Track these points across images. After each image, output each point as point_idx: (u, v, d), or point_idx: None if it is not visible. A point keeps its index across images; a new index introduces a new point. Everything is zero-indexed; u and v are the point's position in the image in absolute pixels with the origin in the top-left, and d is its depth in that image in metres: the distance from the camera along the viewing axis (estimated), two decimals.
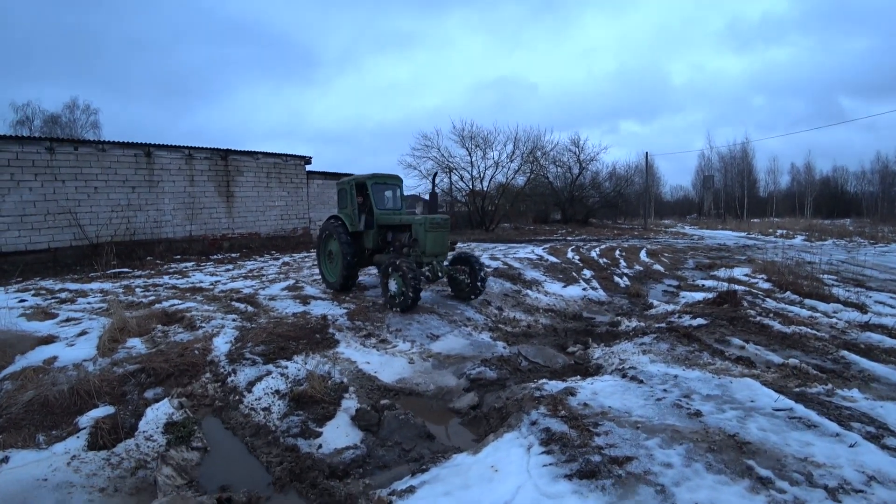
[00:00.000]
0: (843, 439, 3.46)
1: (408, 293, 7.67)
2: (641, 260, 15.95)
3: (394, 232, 9.46)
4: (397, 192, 10.31)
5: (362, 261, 9.85)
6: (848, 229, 32.22)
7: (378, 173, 9.96)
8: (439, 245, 8.48)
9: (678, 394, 4.29)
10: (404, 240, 9.05)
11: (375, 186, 9.82)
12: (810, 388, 4.77)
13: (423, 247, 8.36)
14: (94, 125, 37.71)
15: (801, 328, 6.85)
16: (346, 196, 9.92)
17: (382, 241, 9.63)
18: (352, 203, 9.67)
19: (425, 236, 8.27)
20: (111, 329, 6.56)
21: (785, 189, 62.81)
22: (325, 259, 10.37)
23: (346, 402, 4.84)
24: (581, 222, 38.22)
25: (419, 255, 8.39)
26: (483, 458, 3.34)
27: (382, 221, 9.50)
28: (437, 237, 8.40)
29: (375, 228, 9.52)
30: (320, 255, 10.48)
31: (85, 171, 15.40)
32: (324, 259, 10.42)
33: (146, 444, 4.19)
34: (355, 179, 9.83)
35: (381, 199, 9.86)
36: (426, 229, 8.24)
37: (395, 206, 10.10)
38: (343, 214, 9.86)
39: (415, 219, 8.66)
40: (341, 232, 9.42)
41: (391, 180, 10.27)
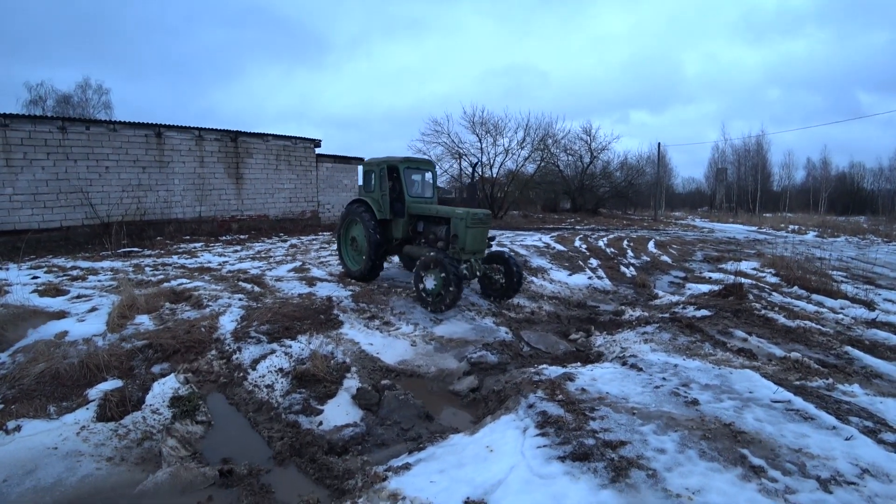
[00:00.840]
0: (840, 432, 3.48)
1: (446, 294, 7.03)
2: (649, 251, 15.87)
3: (426, 223, 8.77)
4: (429, 178, 9.64)
5: (388, 250, 9.28)
6: (862, 226, 31.78)
7: (411, 157, 9.39)
8: (479, 242, 7.86)
9: (677, 382, 4.31)
10: (439, 233, 8.33)
11: (408, 171, 9.10)
12: (811, 381, 4.77)
13: (462, 243, 7.64)
14: (105, 105, 37.92)
15: (805, 322, 6.83)
16: (375, 179, 9.14)
17: (413, 231, 9.00)
18: (381, 187, 8.94)
19: (466, 232, 7.59)
20: (120, 306, 6.68)
21: (799, 184, 61.79)
22: (348, 246, 9.74)
23: (348, 382, 4.92)
24: (591, 212, 38.01)
25: (457, 251, 7.66)
26: (479, 438, 3.41)
27: (415, 211, 8.82)
28: (478, 233, 7.79)
29: (406, 217, 8.87)
30: (341, 242, 9.82)
31: (96, 150, 15.51)
32: (345, 245, 9.79)
33: (152, 416, 4.30)
34: (387, 162, 9.07)
35: (413, 186, 9.16)
36: (468, 224, 7.57)
37: (426, 193, 9.40)
38: (370, 199, 9.12)
39: (455, 212, 7.87)
40: (368, 218, 8.82)
41: (424, 165, 9.62)
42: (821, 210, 50.78)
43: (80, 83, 37.35)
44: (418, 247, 8.77)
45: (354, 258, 9.55)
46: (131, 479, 3.51)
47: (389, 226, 9.09)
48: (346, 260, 9.71)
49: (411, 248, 8.94)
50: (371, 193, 9.21)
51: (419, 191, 9.31)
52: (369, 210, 8.96)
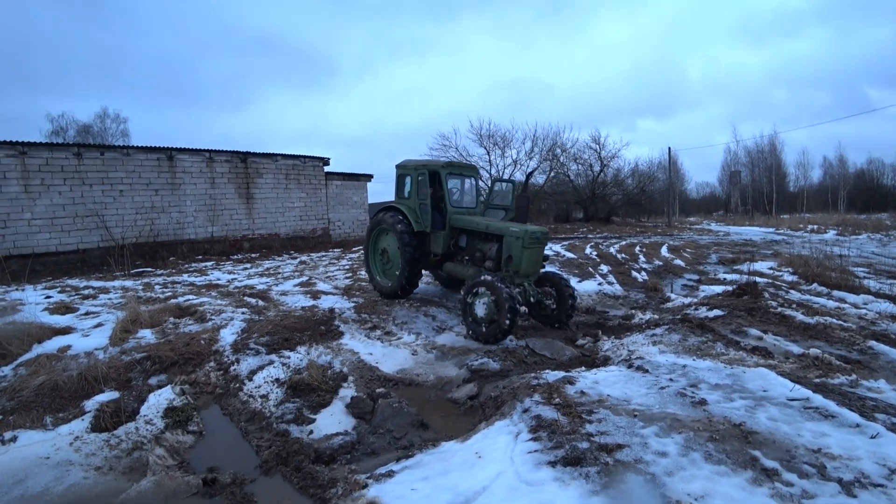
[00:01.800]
0: (864, 430, 3.22)
1: (502, 323, 6.07)
2: (662, 255, 15.52)
3: (470, 237, 7.78)
4: (472, 185, 8.64)
5: (425, 265, 8.31)
6: (885, 223, 30.78)
7: (453, 161, 8.36)
8: (535, 263, 6.94)
9: (684, 383, 4.08)
10: (488, 251, 7.31)
11: (451, 178, 8.13)
12: (832, 378, 4.50)
13: (517, 265, 6.70)
14: (123, 133, 39.03)
15: (825, 318, 6.51)
16: (412, 185, 8.09)
17: (454, 245, 7.99)
18: (419, 194, 7.91)
19: (522, 253, 6.64)
20: (124, 321, 6.71)
21: (817, 183, 60.33)
22: (377, 258, 8.72)
23: (344, 391, 4.80)
24: (603, 220, 37.56)
25: (510, 273, 6.77)
26: (470, 445, 3.24)
27: (458, 224, 7.79)
28: (535, 254, 6.85)
29: (447, 230, 7.87)
30: (369, 254, 8.77)
31: (111, 174, 15.85)
32: (375, 258, 8.75)
33: (145, 427, 4.25)
34: (426, 165, 8.09)
35: (454, 194, 8.21)
36: (524, 244, 6.62)
37: (469, 203, 8.44)
38: (405, 207, 8.06)
39: (510, 229, 6.86)
40: (403, 229, 7.78)
41: (467, 171, 8.62)
42: (840, 209, 49.50)
43: (98, 113, 38.64)
44: (462, 265, 7.79)
45: (385, 272, 8.56)
46: (117, 487, 3.48)
47: (427, 238, 8.05)
48: (375, 274, 8.69)
49: (454, 265, 7.91)
50: (406, 200, 8.20)
51: (462, 200, 8.36)
52: (404, 219, 7.93)
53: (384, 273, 8.59)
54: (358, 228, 23.37)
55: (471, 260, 7.61)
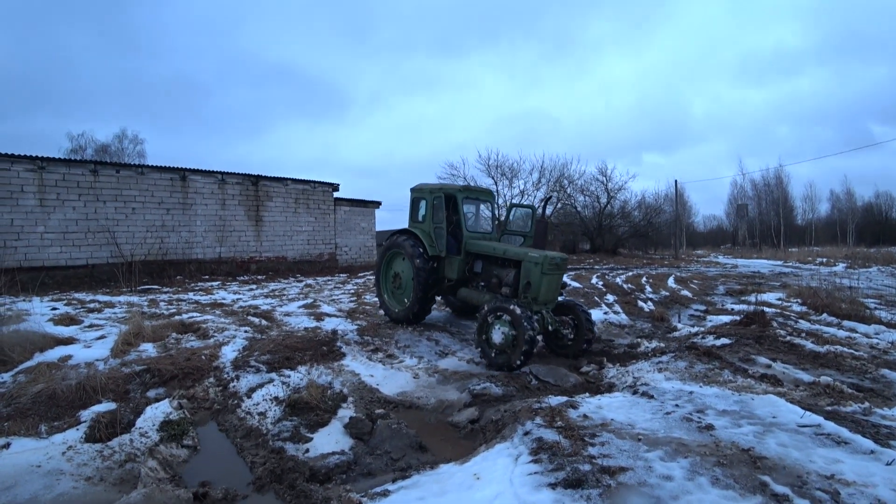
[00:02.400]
0: (880, 457, 3.11)
1: (513, 359, 5.89)
2: (669, 286, 15.38)
3: (486, 263, 7.56)
4: (488, 210, 8.50)
5: (439, 290, 8.12)
6: (894, 256, 30.41)
7: (470, 185, 8.35)
8: (553, 291, 6.72)
9: (691, 408, 3.97)
10: (504, 277, 7.16)
11: (466, 203, 7.99)
12: (844, 406, 4.37)
13: (535, 292, 6.49)
14: (140, 154, 39.97)
15: (836, 347, 6.38)
16: (427, 209, 7.96)
17: (469, 271, 7.79)
18: (435, 218, 7.80)
19: (541, 279, 6.44)
20: (126, 334, 6.72)
21: (824, 217, 60.36)
22: (388, 283, 8.54)
23: (343, 412, 4.72)
24: (610, 252, 37.45)
25: (528, 300, 6.53)
26: (469, 466, 3.14)
27: (475, 249, 7.58)
28: (553, 281, 6.63)
29: (463, 255, 7.68)
30: (381, 278, 8.62)
31: (125, 192, 16.16)
32: (386, 283, 8.58)
33: (140, 439, 4.19)
34: (443, 189, 7.97)
35: (470, 219, 8.07)
36: (543, 271, 6.42)
37: (485, 228, 8.31)
38: (419, 231, 7.95)
39: (528, 255, 6.69)
40: (417, 253, 7.67)
41: (483, 196, 8.47)
42: (849, 242, 49.13)
43: (117, 134, 39.70)
44: (477, 291, 7.57)
45: (397, 297, 8.39)
46: (106, 498, 3.40)
47: (441, 263, 7.89)
48: (387, 299, 8.51)
49: (469, 291, 7.70)
50: (420, 224, 8.08)
51: (477, 225, 8.20)
52: (418, 244, 7.81)
53: (396, 298, 8.41)
54: (365, 255, 23.46)
55: (486, 286, 7.41)
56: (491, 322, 6.22)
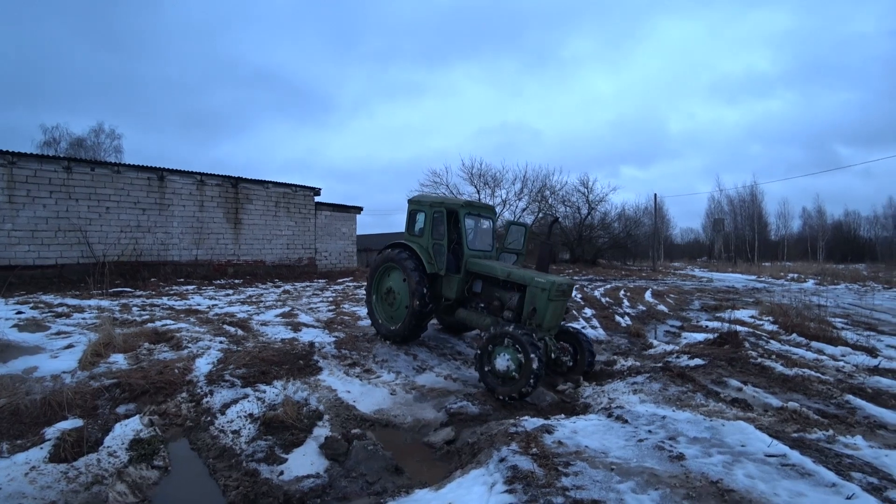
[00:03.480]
0: (840, 490, 3.21)
1: (522, 387, 5.54)
2: (646, 300, 15.64)
3: (486, 283, 7.22)
4: (490, 227, 8.13)
5: (435, 310, 7.73)
6: (861, 274, 31.52)
7: (472, 200, 7.79)
8: (558, 317, 6.54)
9: (663, 435, 4.05)
10: (507, 300, 6.85)
11: (469, 218, 7.64)
12: (810, 433, 4.49)
13: (541, 318, 6.24)
14: (117, 149, 39.02)
15: (804, 370, 6.55)
16: (427, 222, 7.55)
17: (468, 291, 7.43)
18: (434, 234, 7.41)
19: (547, 306, 6.20)
20: (96, 344, 6.53)
21: (796, 233, 62.53)
22: (380, 299, 8.10)
23: (318, 430, 4.67)
24: (589, 262, 37.93)
25: (532, 327, 6.24)
26: (444, 494, 3.15)
27: (476, 269, 7.24)
28: (559, 307, 6.45)
29: (462, 274, 7.33)
30: (372, 293, 8.15)
31: (99, 191, 15.77)
32: (378, 298, 8.13)
33: (108, 459, 4.08)
34: (443, 203, 7.55)
35: (471, 236, 7.66)
36: (550, 297, 6.18)
37: (486, 246, 7.92)
38: (416, 245, 7.54)
39: (535, 279, 6.40)
40: (413, 268, 7.28)
41: (486, 212, 8.06)
42: (819, 258, 50.76)
43: (94, 127, 38.65)
44: (477, 313, 7.23)
45: (388, 314, 7.95)
46: None
47: (438, 281, 7.51)
48: (378, 315, 8.05)
49: (468, 313, 7.34)
50: (418, 238, 7.68)
51: (479, 242, 7.82)
52: (415, 259, 7.42)
53: (388, 314, 7.96)
54: (345, 260, 23.31)
55: (486, 308, 7.09)
56: (492, 350, 5.89)
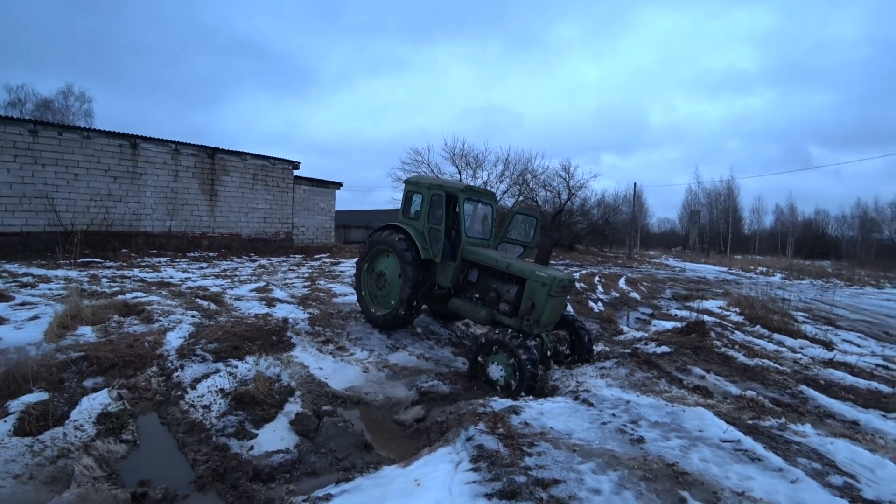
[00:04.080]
0: (786, 475, 3.38)
1: (522, 384, 5.38)
2: (619, 287, 15.97)
3: (483, 273, 6.94)
4: (490, 214, 7.82)
5: (427, 297, 7.43)
6: (826, 270, 32.75)
7: (472, 185, 7.52)
8: (557, 313, 6.37)
9: (626, 419, 4.20)
10: (505, 293, 6.58)
11: (469, 203, 7.34)
12: (764, 421, 4.71)
13: (539, 314, 6.03)
14: (87, 113, 37.39)
15: (764, 361, 6.84)
16: (423, 206, 7.21)
17: (463, 280, 7.13)
18: (432, 218, 7.07)
19: (546, 302, 5.99)
20: (62, 315, 6.37)
21: (769, 228, 64.25)
22: (370, 282, 7.79)
23: (289, 406, 4.71)
24: (567, 248, 38.36)
25: (530, 323, 6.07)
26: (411, 471, 3.23)
27: (474, 257, 6.93)
28: (558, 304, 6.27)
29: (458, 262, 7.02)
30: (362, 276, 7.80)
31: (67, 156, 15.16)
32: (368, 281, 7.80)
33: (74, 433, 4.04)
34: (442, 186, 7.20)
35: (470, 223, 7.39)
36: (550, 293, 5.96)
37: (485, 234, 7.68)
38: (412, 230, 7.20)
39: (536, 273, 6.13)
40: (407, 253, 6.96)
41: (486, 198, 7.73)
42: (788, 254, 52.38)
43: (62, 89, 36.89)
44: (471, 303, 6.92)
45: (378, 298, 7.68)
46: (36, 499, 3.28)
47: (433, 268, 7.19)
48: (367, 299, 7.74)
49: (463, 303, 7.00)
50: (413, 221, 7.34)
51: (477, 230, 7.56)
52: (410, 243, 7.09)
53: (377, 299, 7.70)
54: (322, 236, 23.08)
55: (482, 299, 6.80)
56: (483, 362, 5.77)
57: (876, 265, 38.12)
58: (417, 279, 6.90)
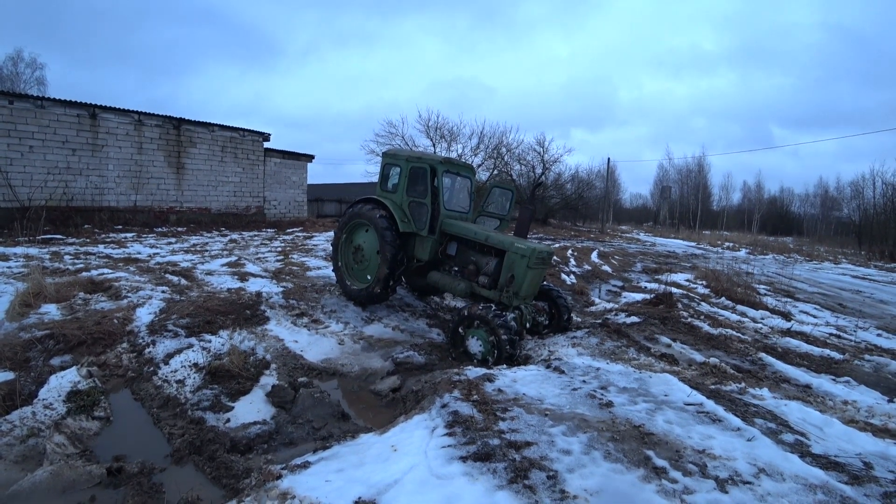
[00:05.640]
0: (743, 434, 3.59)
1: (501, 356, 5.48)
2: (592, 260, 16.30)
3: (462, 246, 6.96)
4: (469, 187, 7.77)
5: (405, 271, 7.32)
6: (788, 246, 34.07)
7: (451, 158, 7.38)
8: (536, 285, 6.38)
9: (596, 385, 4.36)
10: (484, 265, 6.58)
11: (447, 176, 7.24)
12: (725, 385, 4.96)
13: (518, 286, 6.06)
14: (39, 81, 35.30)
15: (727, 331, 7.14)
16: (402, 179, 7.14)
17: (442, 252, 7.11)
18: (412, 191, 7.02)
19: (525, 273, 6.01)
20: (24, 294, 6.18)
21: (736, 205, 66.16)
22: (348, 256, 7.70)
23: (265, 379, 4.72)
24: (541, 222, 38.73)
25: (509, 295, 6.11)
26: (387, 438, 3.31)
27: (452, 230, 6.89)
28: (538, 276, 6.28)
29: (437, 235, 6.95)
30: (339, 250, 7.71)
31: (20, 127, 14.39)
32: (345, 255, 7.71)
33: (44, 412, 3.98)
34: (421, 159, 7.14)
35: (449, 195, 7.35)
36: (529, 265, 5.98)
37: (464, 207, 7.62)
38: (390, 203, 7.10)
39: (514, 245, 6.17)
40: (386, 227, 6.86)
41: (465, 171, 7.67)
42: (754, 230, 54.15)
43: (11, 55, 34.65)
44: (450, 276, 6.94)
45: (355, 273, 7.60)
46: (7, 478, 3.23)
47: (411, 241, 7.14)
48: (343, 271, 7.68)
49: (441, 276, 7.03)
50: (391, 194, 7.26)
51: (456, 203, 7.49)
52: (388, 216, 6.99)
53: (354, 273, 7.62)
54: (294, 209, 22.70)
55: (460, 272, 6.82)
56: (463, 334, 5.83)
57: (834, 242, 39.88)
58: (396, 254, 6.84)
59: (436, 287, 7.39)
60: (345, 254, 7.73)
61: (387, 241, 6.82)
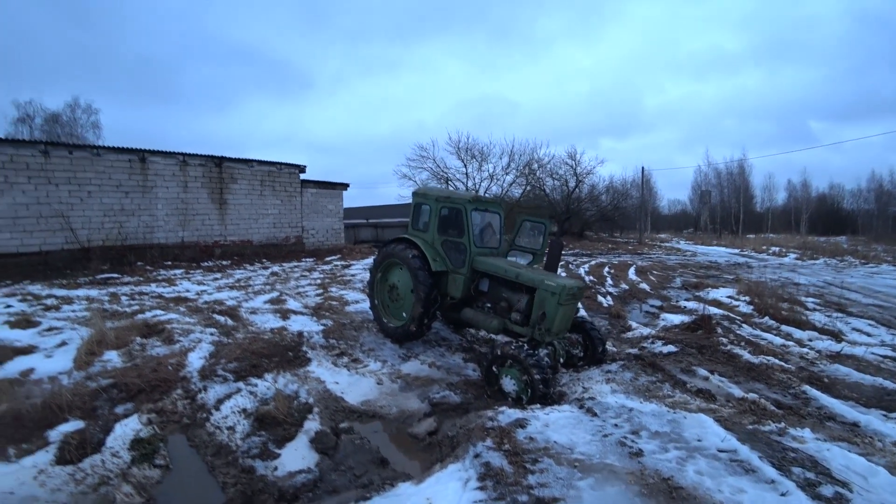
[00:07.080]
0: (777, 487, 3.48)
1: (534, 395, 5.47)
2: (629, 278, 16.07)
3: (493, 283, 7.05)
4: (498, 223, 7.86)
5: (440, 308, 7.43)
6: (841, 248, 32.34)
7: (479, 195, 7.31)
8: (568, 320, 6.44)
9: (627, 429, 4.39)
10: (516, 302, 6.69)
11: (476, 213, 7.39)
12: (764, 425, 4.83)
13: (550, 323, 6.10)
14: (94, 125, 38.05)
15: (769, 358, 6.96)
16: (432, 217, 7.36)
17: (474, 290, 7.23)
18: (444, 231, 7.27)
19: (556, 310, 6.06)
20: (89, 342, 6.67)
21: (781, 205, 63.52)
22: (384, 294, 7.93)
23: (308, 424, 4.95)
24: (577, 235, 38.37)
25: (541, 332, 6.15)
26: (423, 489, 3.47)
27: (483, 268, 7.00)
28: (569, 311, 6.34)
29: (468, 272, 7.10)
30: (375, 288, 7.94)
31: (79, 174, 15.56)
32: (381, 293, 7.94)
33: (112, 460, 4.30)
34: (450, 198, 7.31)
35: (479, 233, 7.43)
36: (560, 301, 6.02)
37: (493, 243, 7.69)
38: (421, 242, 7.31)
39: (545, 282, 6.21)
40: (419, 267, 7.04)
41: (493, 207, 7.82)
42: (802, 231, 51.72)
43: (69, 102, 37.50)
44: (483, 313, 7.04)
45: (394, 311, 7.80)
46: None
47: (444, 279, 7.29)
48: (381, 312, 7.90)
49: (475, 313, 7.11)
50: (422, 234, 7.49)
51: (486, 240, 7.60)
52: (420, 255, 7.19)
53: (391, 311, 7.84)
54: (332, 237, 23.37)
55: (493, 308, 6.94)
56: (497, 372, 5.88)
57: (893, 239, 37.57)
58: (429, 297, 7.00)
59: (469, 324, 7.47)
60: (380, 292, 7.94)
61: (420, 280, 6.99)
